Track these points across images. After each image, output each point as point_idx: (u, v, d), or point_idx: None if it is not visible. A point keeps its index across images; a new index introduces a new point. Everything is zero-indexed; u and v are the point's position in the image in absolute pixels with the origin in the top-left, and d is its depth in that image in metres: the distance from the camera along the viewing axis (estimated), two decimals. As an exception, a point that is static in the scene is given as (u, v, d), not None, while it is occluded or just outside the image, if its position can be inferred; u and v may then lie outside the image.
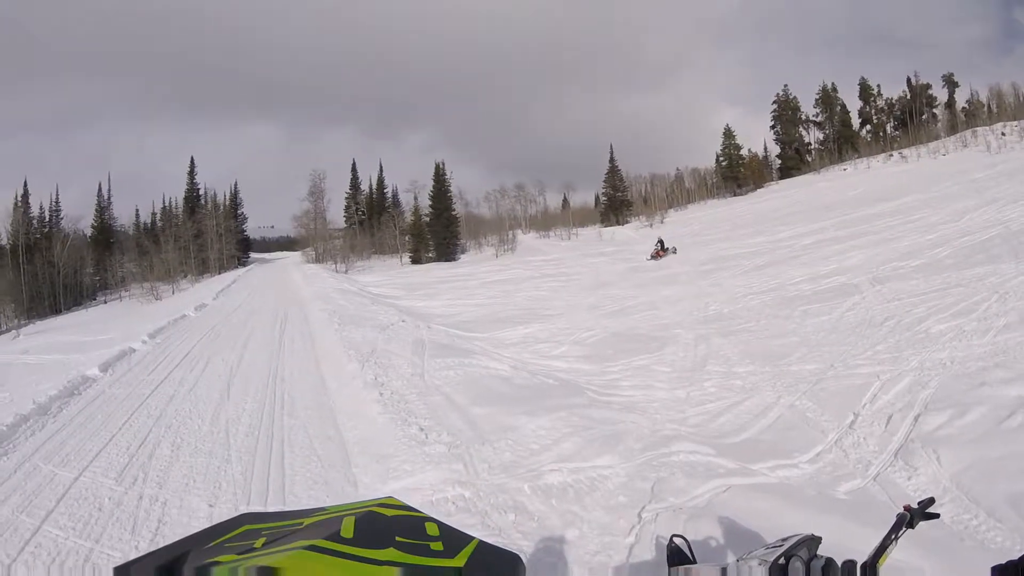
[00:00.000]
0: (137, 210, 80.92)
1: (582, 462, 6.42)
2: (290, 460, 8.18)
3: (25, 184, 66.57)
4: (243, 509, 6.82)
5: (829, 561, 1.61)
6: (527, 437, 7.45)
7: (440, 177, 73.78)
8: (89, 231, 72.79)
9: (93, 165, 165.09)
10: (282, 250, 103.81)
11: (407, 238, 73.20)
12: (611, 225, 77.02)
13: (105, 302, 63.28)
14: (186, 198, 78.61)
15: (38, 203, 68.06)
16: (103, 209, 74.89)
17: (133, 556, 0.96)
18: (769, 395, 9.47)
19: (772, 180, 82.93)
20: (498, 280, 34.32)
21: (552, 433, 7.43)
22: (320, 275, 50.44)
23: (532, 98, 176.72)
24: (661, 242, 37.13)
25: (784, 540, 1.75)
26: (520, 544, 4.98)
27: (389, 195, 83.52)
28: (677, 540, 1.95)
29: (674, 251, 35.34)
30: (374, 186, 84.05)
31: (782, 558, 1.62)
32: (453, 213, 73.08)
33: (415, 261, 68.75)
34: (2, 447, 10.16)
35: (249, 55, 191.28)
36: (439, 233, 70.88)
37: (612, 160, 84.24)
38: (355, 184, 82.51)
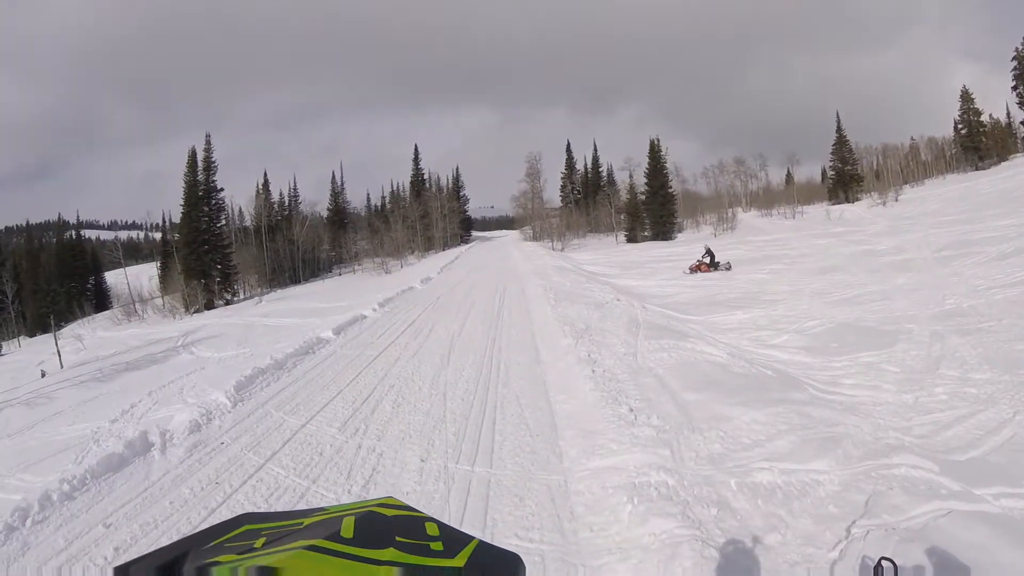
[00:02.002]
0: (368, 194, 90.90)
1: (795, 464, 6.04)
2: (501, 426, 8.44)
3: (265, 174, 75.08)
4: (453, 467, 7.15)
5: None
6: (740, 430, 7.13)
7: (655, 153, 71.91)
8: (325, 213, 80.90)
9: (327, 155, 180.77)
10: (501, 229, 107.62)
11: (622, 216, 72.80)
12: (840, 202, 71.57)
13: (340, 274, 69.21)
14: (412, 182, 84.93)
15: (278, 190, 76.70)
16: (337, 193, 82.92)
17: (149, 550, 0.96)
18: (1005, 409, 8.32)
19: (1018, 151, 72.34)
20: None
21: (767, 428, 7.06)
22: (537, 252, 51.43)
23: (750, 64, 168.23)
24: (711, 253, 32.04)
25: None
26: (718, 542, 4.82)
27: (604, 173, 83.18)
28: (886, 564, 1.78)
29: (727, 267, 30.42)
30: (589, 165, 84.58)
31: None
32: (669, 190, 71.11)
33: (630, 240, 68.08)
34: (240, 394, 11.22)
35: (464, 46, 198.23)
36: (655, 211, 69.47)
37: (839, 129, 77.94)
38: (570, 164, 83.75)
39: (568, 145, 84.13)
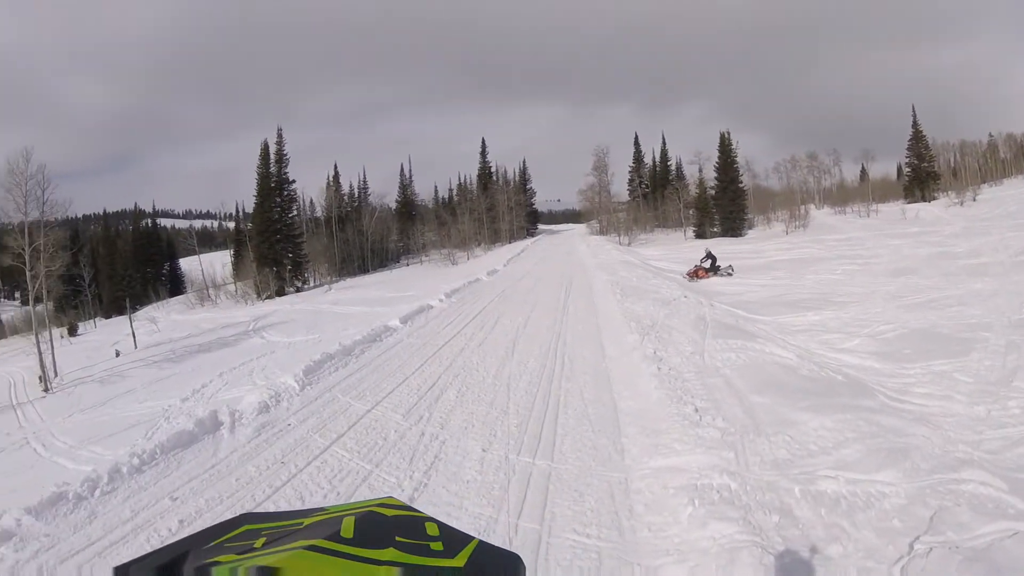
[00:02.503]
0: (436, 186, 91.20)
1: (861, 473, 5.86)
2: (563, 420, 8.44)
3: (335, 166, 77.49)
4: (514, 458, 7.20)
5: None
6: (807, 436, 6.96)
7: (725, 147, 69.14)
8: (394, 205, 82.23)
9: (396, 149, 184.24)
10: (568, 222, 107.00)
11: (691, 212, 70.61)
12: (915, 201, 67.52)
13: (407, 265, 70.77)
14: (479, 175, 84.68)
15: (348, 182, 78.99)
16: (405, 186, 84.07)
17: (164, 543, 0.98)
18: (1080, 425, 8.00)
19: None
20: (787, 259, 32.12)
21: (834, 435, 6.87)
22: (604, 247, 51.09)
23: (823, 55, 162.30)
24: (712, 257, 30.00)
25: None
26: (778, 550, 4.75)
27: (672, 167, 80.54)
28: None
29: (730, 272, 28.57)
30: (657, 159, 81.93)
31: None
32: (740, 185, 68.61)
33: (699, 235, 65.41)
34: (308, 378, 11.50)
35: (531, 41, 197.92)
36: (724, 207, 67.05)
37: (915, 124, 72.91)
38: (638, 157, 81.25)
39: (636, 138, 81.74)
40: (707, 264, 29.70)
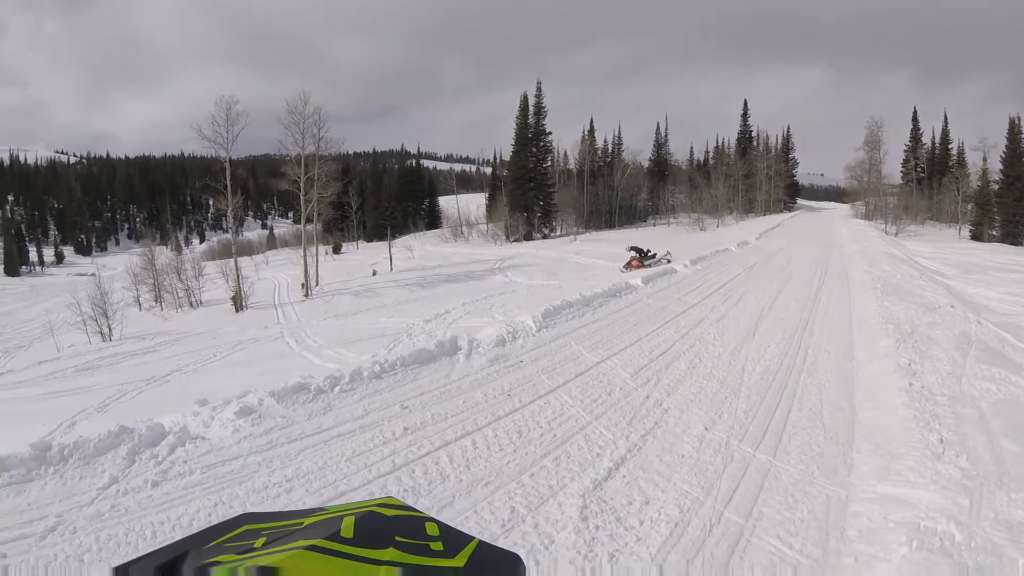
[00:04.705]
0: (691, 147, 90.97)
1: None
2: (795, 417, 7.95)
3: (591, 121, 78.38)
4: (735, 444, 6.95)
5: None
6: None
7: (1015, 135, 58.66)
8: (646, 163, 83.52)
9: (652, 107, 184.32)
10: (829, 200, 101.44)
11: (970, 207, 61.20)
12: None
13: (654, 225, 71.57)
14: (738, 139, 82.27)
15: (602, 137, 79.91)
16: (660, 145, 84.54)
17: (149, 550, 0.96)
18: None
19: None
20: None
21: None
22: (867, 233, 47.07)
23: None
24: (639, 251, 31.21)
25: None
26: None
27: (954, 152, 70.98)
28: None
29: (667, 259, 28.28)
30: (937, 140, 72.31)
31: None
32: None
33: (975, 237, 57.18)
34: (545, 321, 11.95)
35: None
36: (1007, 206, 56.91)
37: None
38: (915, 136, 72.49)
39: (915, 113, 72.40)
40: (638, 256, 31.46)
